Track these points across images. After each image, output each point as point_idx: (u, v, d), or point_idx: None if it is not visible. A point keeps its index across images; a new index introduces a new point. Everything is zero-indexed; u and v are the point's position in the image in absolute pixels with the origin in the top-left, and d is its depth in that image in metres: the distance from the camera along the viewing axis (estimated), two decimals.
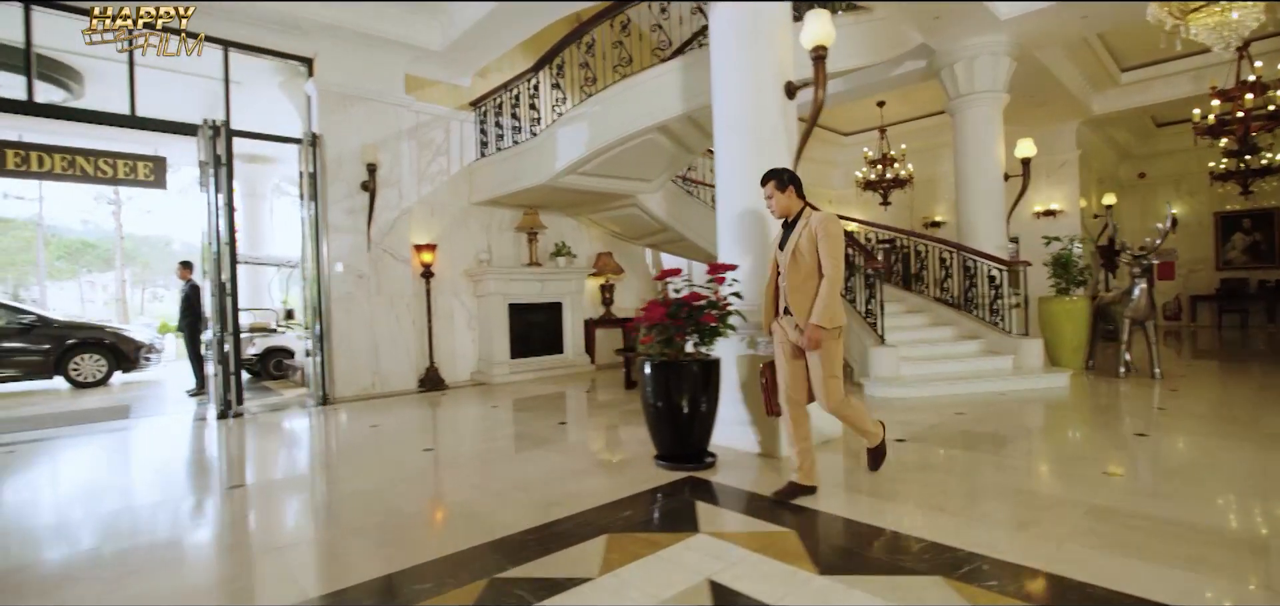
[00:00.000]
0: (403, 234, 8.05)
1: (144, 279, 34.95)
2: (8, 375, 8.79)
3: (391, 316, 7.89)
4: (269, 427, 6.14)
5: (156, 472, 4.69)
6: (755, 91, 4.60)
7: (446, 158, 8.63)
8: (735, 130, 4.71)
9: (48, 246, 31.37)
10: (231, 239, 6.64)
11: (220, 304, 6.40)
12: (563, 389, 8.01)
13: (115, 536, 3.25)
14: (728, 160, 4.80)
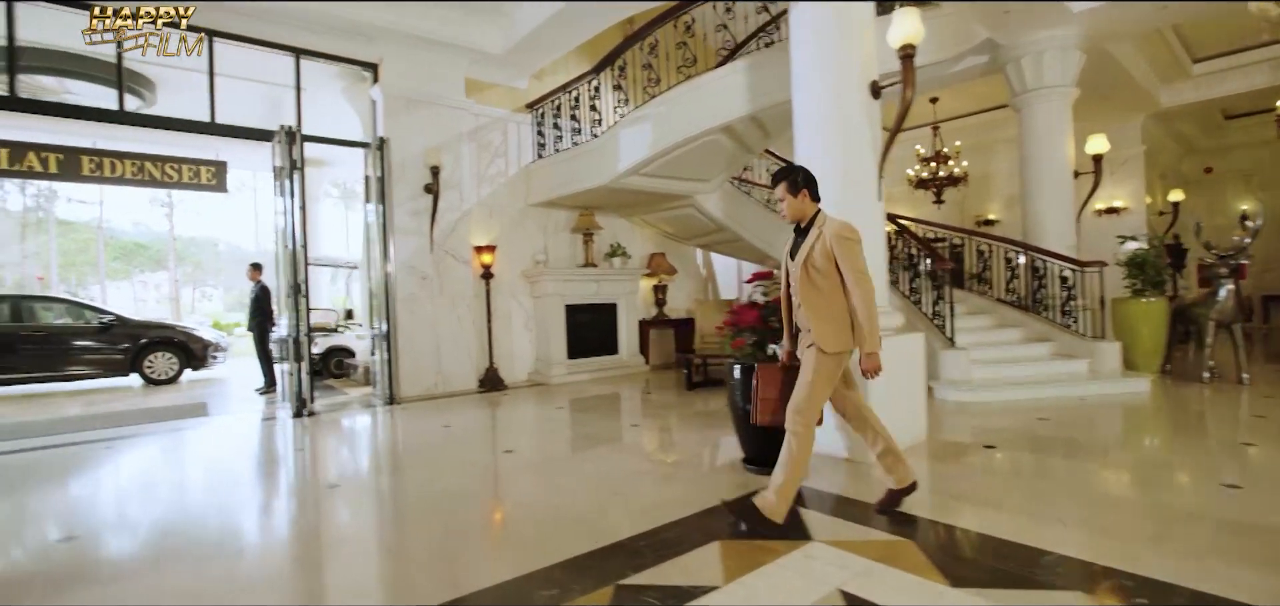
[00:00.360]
0: (463, 235, 8.15)
1: (194, 278, 36.13)
2: (90, 372, 9.14)
3: (453, 317, 7.99)
4: (344, 427, 6.27)
5: (251, 473, 4.82)
6: (839, 92, 4.53)
7: (504, 160, 8.71)
8: (817, 132, 4.64)
9: (105, 248, 32.58)
10: (304, 242, 6.78)
11: (295, 305, 6.55)
12: (621, 390, 8.02)
13: (236, 536, 3.35)
14: (808, 162, 4.72)
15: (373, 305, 7.73)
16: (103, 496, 4.22)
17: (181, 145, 11.99)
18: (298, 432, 5.94)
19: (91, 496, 4.22)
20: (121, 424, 6.53)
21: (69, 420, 6.85)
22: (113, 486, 4.43)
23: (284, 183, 6.64)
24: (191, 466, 5.02)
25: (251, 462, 5.10)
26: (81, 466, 4.91)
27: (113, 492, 4.29)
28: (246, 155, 12.41)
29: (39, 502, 4.00)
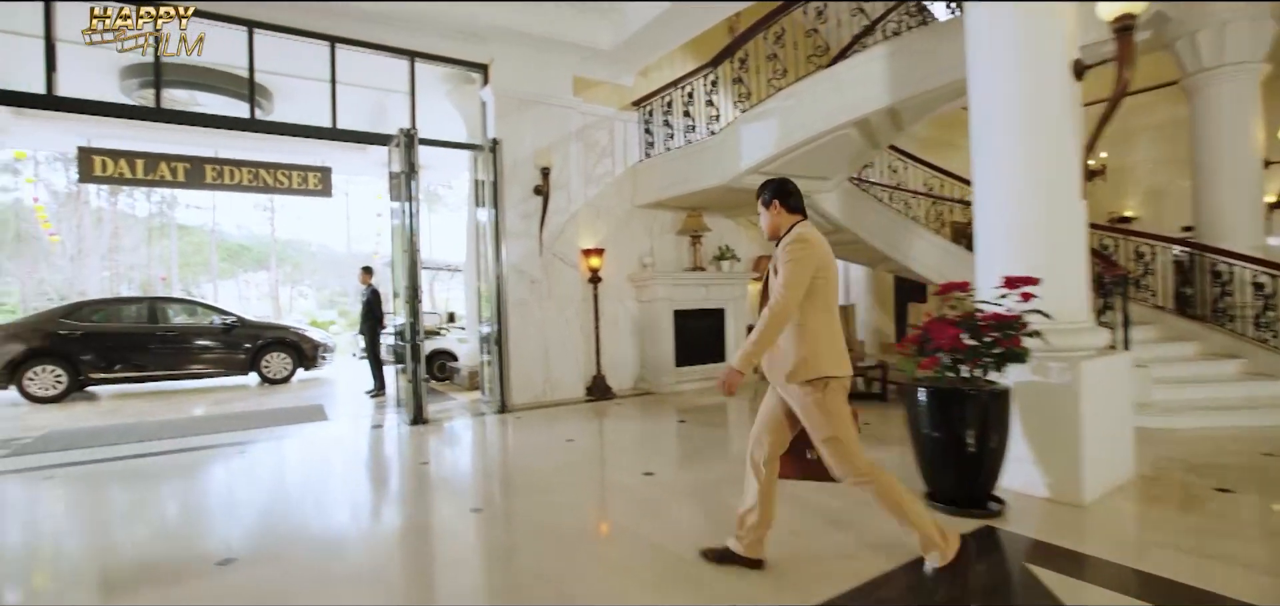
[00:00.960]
0: (571, 238, 7.90)
1: (291, 278, 38.14)
2: (214, 371, 9.48)
3: (561, 322, 7.76)
4: (463, 438, 6.10)
5: (389, 489, 4.67)
6: (1032, 73, 3.92)
7: (611, 159, 8.42)
8: (1002, 121, 4.05)
9: (215, 250, 34.77)
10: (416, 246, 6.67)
11: (413, 310, 6.45)
12: (736, 401, 7.58)
13: (397, 568, 3.12)
14: (991, 157, 4.15)
15: (482, 309, 7.59)
16: (247, 512, 4.12)
17: (290, 152, 12.42)
18: (417, 442, 5.80)
19: (236, 509, 4.13)
20: (248, 426, 6.61)
21: (201, 421, 7.01)
22: (255, 502, 4.34)
23: (401, 186, 6.53)
24: (324, 479, 4.92)
25: (385, 478, 4.96)
26: (220, 474, 4.89)
27: (257, 510, 4.19)
28: (343, 160, 12.71)
29: (187, 519, 3.94)
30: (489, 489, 4.39)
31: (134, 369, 8.95)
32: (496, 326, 7.10)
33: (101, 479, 4.73)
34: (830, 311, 2.63)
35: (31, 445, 5.85)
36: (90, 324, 8.87)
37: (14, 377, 8.25)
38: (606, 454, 5.25)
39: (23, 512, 4.05)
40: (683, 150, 7.80)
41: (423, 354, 6.50)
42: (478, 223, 7.60)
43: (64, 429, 6.63)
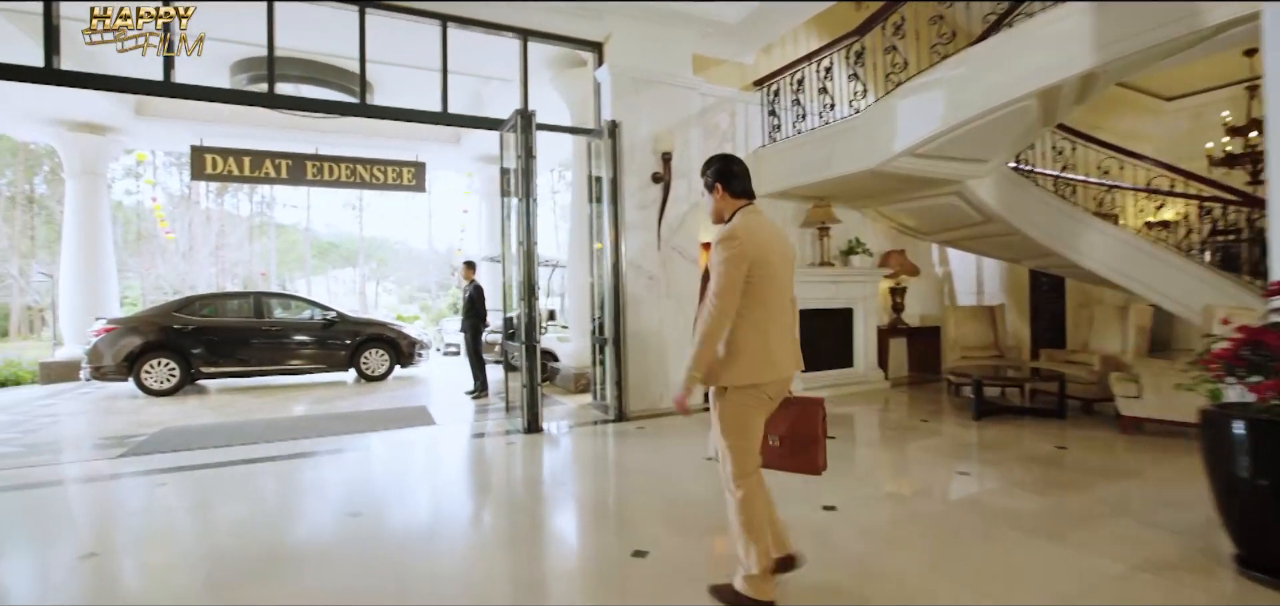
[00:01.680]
0: (690, 230, 7.11)
1: (376, 274, 39.25)
2: (315, 367, 9.24)
3: (680, 321, 6.99)
4: (588, 450, 5.42)
5: (531, 513, 4.00)
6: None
7: (732, 144, 7.58)
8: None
9: (297, 250, 36.11)
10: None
11: (529, 308, 5.81)
12: (876, 412, 6.61)
13: None
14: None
15: (594, 309, 6.91)
16: (370, 544, 3.51)
17: (385, 148, 12.22)
18: (538, 454, 5.15)
19: (361, 542, 3.53)
20: (354, 428, 6.15)
21: (307, 422, 6.62)
22: (379, 535, 3.74)
23: (516, 174, 5.90)
24: (449, 500, 4.31)
25: (516, 500, 4.31)
26: (333, 488, 4.36)
27: (380, 540, 3.58)
28: (431, 155, 12.39)
29: (304, 543, 3.37)
30: (648, 525, 3.64)
31: (239, 363, 8.78)
32: (614, 326, 6.39)
33: (213, 487, 4.28)
34: (766, 309, 2.36)
35: (146, 444, 5.55)
36: (201, 318, 8.76)
37: (132, 370, 8.19)
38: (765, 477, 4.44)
39: (136, 525, 3.60)
40: (819, 132, 6.87)
41: (536, 362, 5.86)
42: (588, 214, 6.91)
43: (176, 425, 6.36)
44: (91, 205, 10.61)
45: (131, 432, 6.07)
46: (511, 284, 6.34)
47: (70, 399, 8.34)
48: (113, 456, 5.19)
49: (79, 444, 5.75)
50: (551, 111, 7.65)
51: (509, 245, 6.36)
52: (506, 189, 6.38)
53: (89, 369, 8.18)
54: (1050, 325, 9.49)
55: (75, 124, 10.15)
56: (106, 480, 4.57)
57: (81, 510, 3.98)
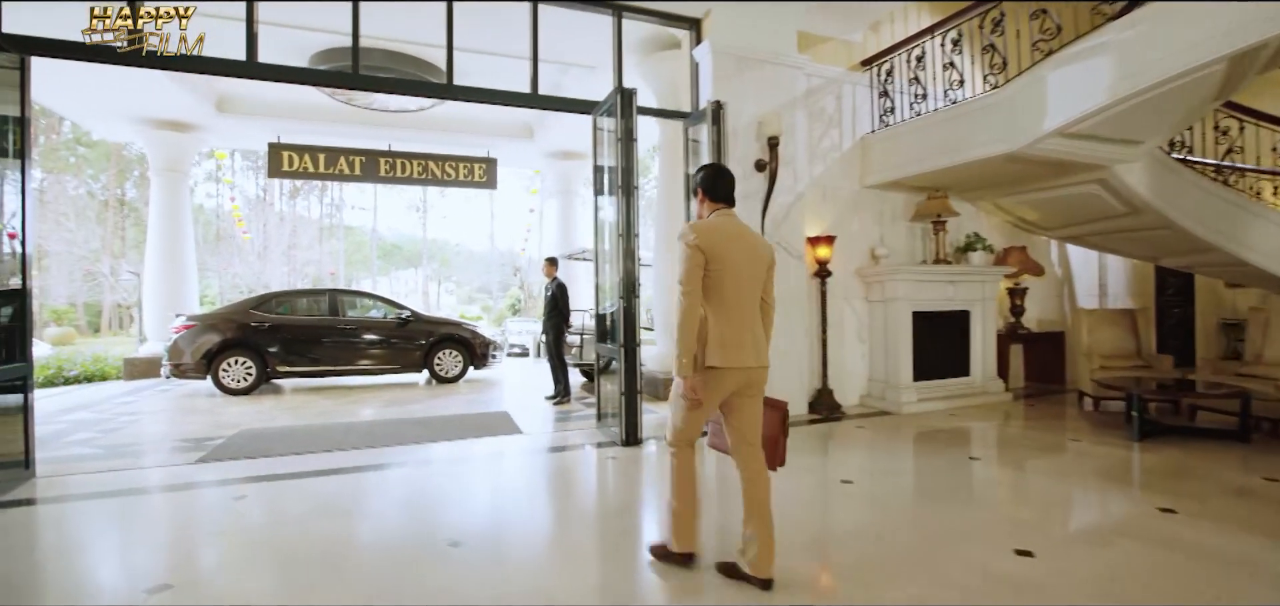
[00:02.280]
0: (796, 223, 6.36)
1: (439, 275, 39.68)
2: (390, 367, 8.86)
3: (785, 325, 6.25)
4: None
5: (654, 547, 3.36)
6: None
7: (838, 130, 6.80)
8: None
9: (363, 251, 36.77)
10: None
11: (628, 309, 5.17)
12: (1003, 427, 5.73)
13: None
14: None
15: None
16: (475, 586, 2.92)
17: (456, 145, 11.86)
18: (642, 472, 4.50)
19: (457, 584, 2.94)
20: (435, 435, 5.64)
21: (386, 427, 6.16)
22: (489, 567, 3.15)
23: (617, 158, 5.27)
24: (560, 528, 3.70)
25: (631, 527, 3.66)
26: (423, 505, 3.81)
27: (487, 583, 2.99)
28: (500, 150, 11.95)
29: (401, 581, 2.80)
30: (803, 564, 2.93)
31: (315, 363, 8.46)
32: None
33: (294, 503, 3.78)
34: (722, 301, 2.57)
35: (223, 448, 5.16)
36: (277, 316, 8.49)
37: (210, 368, 7.96)
38: (921, 510, 3.66)
39: (213, 552, 3.10)
40: (943, 113, 6.02)
41: (639, 362, 5.22)
42: (683, 207, 6.24)
43: (254, 428, 5.99)
44: (174, 202, 10.58)
45: (209, 435, 5.72)
46: (607, 281, 5.72)
47: (151, 396, 8.17)
48: (191, 461, 4.80)
49: (157, 446, 5.41)
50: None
51: (602, 239, 5.75)
52: (601, 181, 5.77)
53: (169, 366, 7.98)
54: (1176, 332, 8.32)
55: (160, 122, 10.10)
56: (184, 489, 4.14)
57: (156, 527, 3.52)
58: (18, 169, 4.26)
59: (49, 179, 28.66)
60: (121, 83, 8.69)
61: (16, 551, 3.13)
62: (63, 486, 4.21)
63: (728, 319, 2.57)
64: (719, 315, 2.57)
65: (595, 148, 5.76)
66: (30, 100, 4.28)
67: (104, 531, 3.41)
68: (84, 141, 30.34)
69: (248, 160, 32.24)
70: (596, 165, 5.77)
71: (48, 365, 10.36)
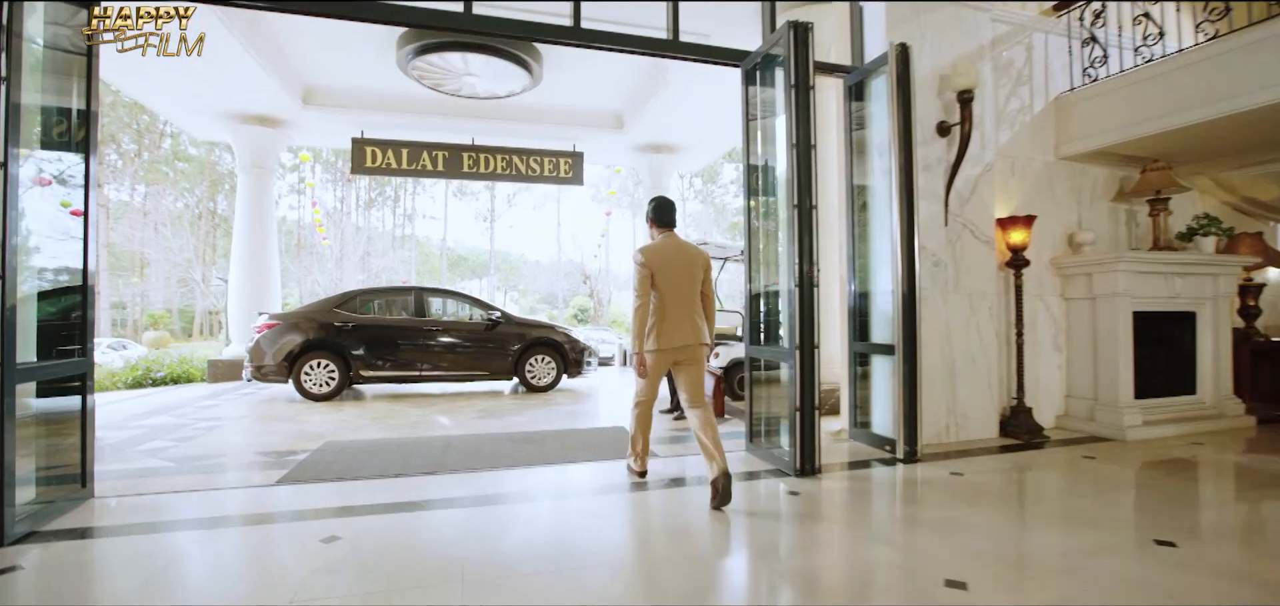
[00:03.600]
0: (985, 201, 5.02)
1: (505, 284, 39.45)
2: (479, 373, 7.91)
3: (970, 324, 4.92)
4: (915, 512, 3.46)
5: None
6: None
7: (1028, 88, 5.42)
8: None
9: (433, 261, 36.83)
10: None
11: (804, 300, 3.93)
12: (1271, 462, 4.20)
13: None
14: None
15: (849, 308, 4.96)
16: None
17: (541, 138, 10.96)
18: (838, 512, 3.28)
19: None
20: (547, 454, 4.57)
21: (489, 445, 5.13)
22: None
23: (788, 112, 4.07)
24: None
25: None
26: (567, 558, 2.69)
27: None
28: (586, 143, 10.94)
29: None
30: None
31: (401, 367, 7.58)
32: (904, 330, 4.39)
33: (401, 549, 2.74)
34: (662, 301, 3.50)
35: (306, 466, 4.21)
36: (361, 316, 7.67)
37: (292, 371, 7.19)
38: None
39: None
40: (1197, 52, 4.58)
41: (817, 367, 3.98)
42: (849, 183, 4.99)
43: (340, 439, 5.07)
44: (260, 199, 10.09)
45: (291, 448, 4.81)
46: (767, 262, 4.53)
47: (232, 400, 7.46)
48: (269, 482, 3.86)
49: (234, 459, 4.53)
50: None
51: (761, 219, 4.57)
52: (754, 149, 4.59)
53: (250, 369, 7.25)
54: None
55: (248, 116, 9.59)
56: (260, 524, 3.17)
57: (224, 583, 2.52)
58: (82, 161, 3.51)
59: (150, 192, 29.69)
60: (212, 75, 8.20)
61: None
62: (119, 512, 3.31)
63: (667, 313, 3.48)
64: (661, 310, 3.48)
65: (747, 108, 4.59)
66: (98, 92, 3.57)
67: (158, 584, 2.43)
68: (182, 157, 31.42)
69: (329, 173, 32.78)
70: (747, 131, 4.59)
71: (137, 366, 9.98)
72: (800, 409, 3.91)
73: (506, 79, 8.31)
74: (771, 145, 4.46)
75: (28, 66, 3.10)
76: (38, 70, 3.26)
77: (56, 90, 3.43)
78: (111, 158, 28.77)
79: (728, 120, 10.23)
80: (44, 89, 3.33)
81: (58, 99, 3.44)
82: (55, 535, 2.98)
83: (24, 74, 3.05)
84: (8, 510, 2.87)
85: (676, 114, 9.72)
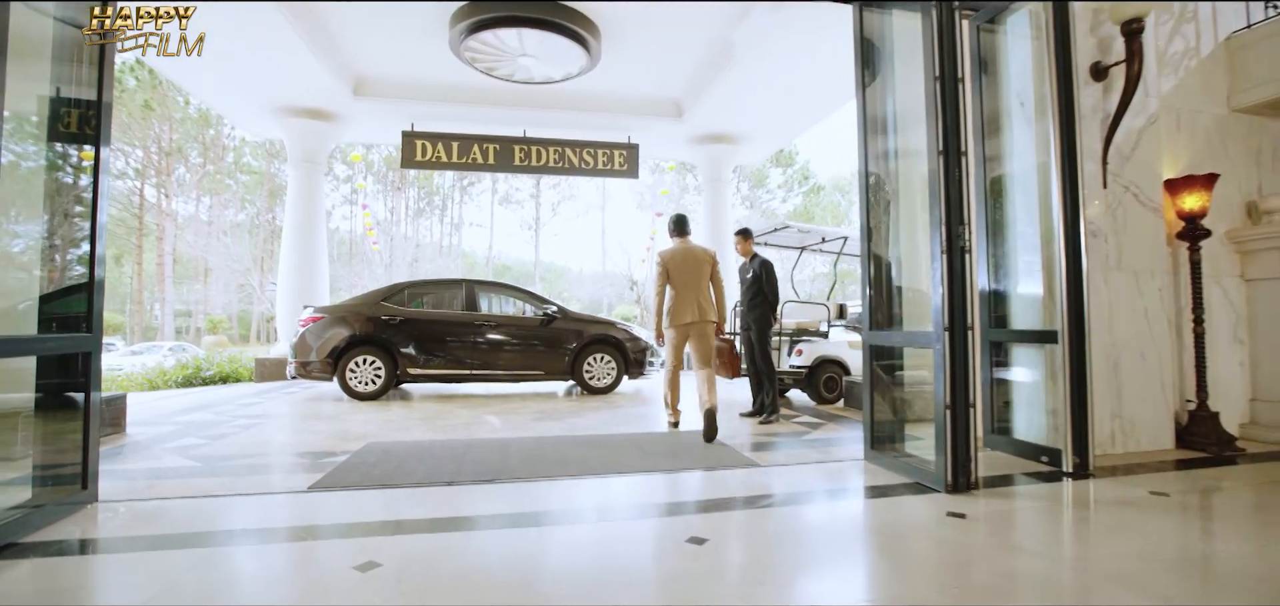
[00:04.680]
0: (1148, 159, 4.05)
1: (549, 293, 39.13)
2: (534, 372, 7.21)
3: (1136, 309, 3.94)
4: (1122, 542, 2.55)
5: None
6: None
7: (1193, 27, 4.43)
8: None
9: (479, 270, 36.73)
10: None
11: (957, 274, 3.06)
12: None
13: None
14: None
15: (985, 291, 4.04)
16: None
17: (594, 129, 10.30)
18: (1041, 545, 2.39)
19: None
20: (623, 464, 3.78)
21: (553, 449, 4.39)
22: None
23: (927, 35, 3.20)
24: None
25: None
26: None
27: None
28: (641, 134, 10.21)
29: None
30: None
31: (450, 365, 6.93)
32: (1068, 314, 3.45)
33: (455, 582, 2.01)
34: (675, 291, 4.56)
35: (344, 471, 3.53)
36: (410, 310, 7.07)
37: (336, 367, 6.63)
38: None
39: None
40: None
41: (972, 351, 3.09)
42: (980, 132, 4.08)
43: (383, 441, 4.41)
44: (310, 195, 9.73)
45: (330, 449, 4.17)
46: (893, 229, 3.68)
47: (275, 398, 6.95)
48: (302, 489, 3.19)
49: (265, 460, 3.90)
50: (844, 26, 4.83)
51: (889, 172, 3.72)
52: (875, 99, 3.75)
53: (294, 364, 6.72)
54: None
55: (299, 110, 9.22)
56: (284, 541, 2.48)
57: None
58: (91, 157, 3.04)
59: (214, 203, 30.43)
60: (268, 67, 7.88)
61: None
62: (124, 521, 2.68)
63: (678, 299, 4.56)
64: (675, 297, 4.57)
65: (860, 47, 3.75)
66: (111, 81, 3.08)
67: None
68: (244, 169, 32.14)
69: (380, 183, 33.08)
70: (861, 76, 3.75)
71: (187, 365, 9.69)
72: (951, 406, 3.03)
73: (562, 59, 7.64)
74: (893, 94, 3.62)
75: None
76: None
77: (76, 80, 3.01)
78: (179, 172, 29.63)
79: (792, 107, 9.38)
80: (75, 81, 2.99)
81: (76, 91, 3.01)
82: (39, 548, 2.35)
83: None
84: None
85: (740, 98, 8.92)
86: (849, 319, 6.88)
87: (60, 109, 3.04)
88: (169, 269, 27.85)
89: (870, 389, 3.68)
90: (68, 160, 3.15)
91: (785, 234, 7.07)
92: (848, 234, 6.96)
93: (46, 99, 2.99)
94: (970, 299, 3.08)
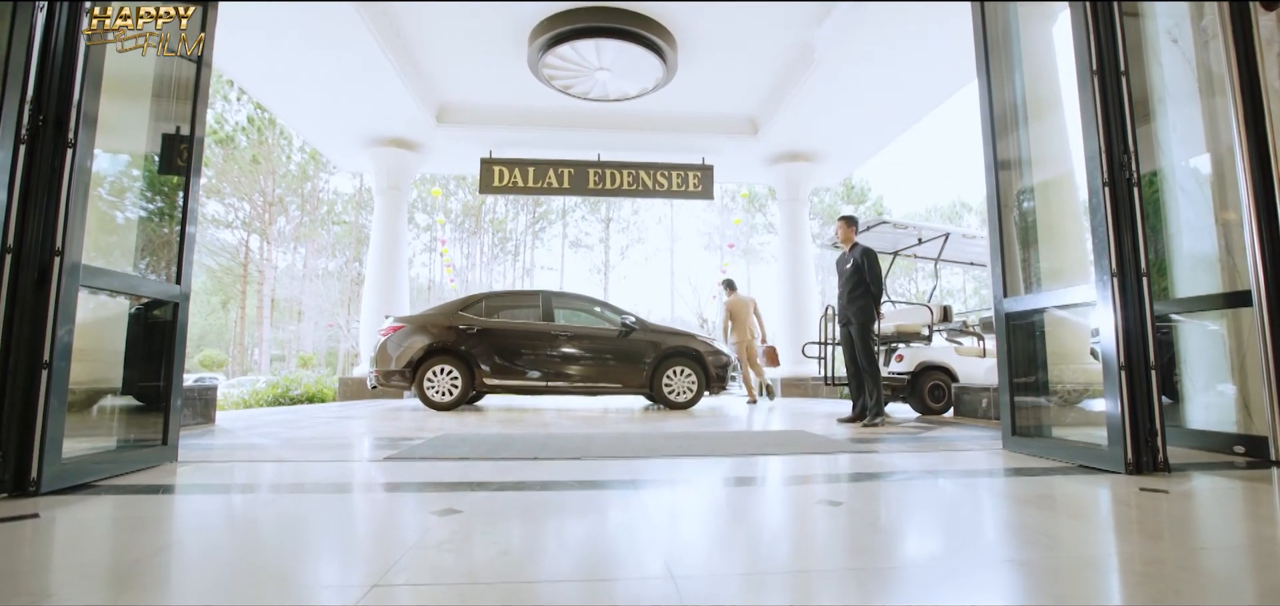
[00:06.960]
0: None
1: None
2: (612, 386, 6.91)
3: None
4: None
5: None
6: None
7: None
8: None
9: None
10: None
11: (1122, 207, 2.56)
12: None
13: None
14: None
15: (1171, 252, 3.44)
16: None
17: (669, 150, 10.18)
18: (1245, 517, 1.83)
19: None
20: (753, 469, 3.38)
21: (667, 444, 4.03)
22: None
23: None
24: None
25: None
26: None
27: None
28: (716, 154, 9.95)
29: None
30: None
31: (527, 378, 6.74)
32: (1264, 272, 2.84)
33: (529, 533, 1.68)
34: (735, 325, 8.12)
35: (423, 448, 3.32)
36: (487, 320, 6.97)
37: (415, 377, 6.56)
38: None
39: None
40: None
41: (1148, 316, 2.56)
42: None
43: (459, 433, 4.19)
44: (394, 220, 10.03)
45: (406, 436, 3.99)
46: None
47: (356, 408, 6.97)
48: (380, 459, 2.98)
49: (346, 443, 3.74)
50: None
51: (1019, 170, 3.27)
52: (1006, 60, 3.34)
53: (375, 373, 6.71)
54: None
55: (385, 139, 9.60)
56: (362, 493, 2.24)
57: (288, 555, 1.56)
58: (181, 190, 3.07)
59: (308, 252, 32.48)
60: (359, 98, 8.27)
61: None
62: (202, 474, 2.53)
63: (734, 327, 8.03)
64: (735, 329, 8.02)
65: (984, 19, 3.36)
66: (204, 118, 3.15)
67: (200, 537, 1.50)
68: (336, 221, 34.27)
69: (458, 230, 34.45)
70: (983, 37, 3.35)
71: (277, 384, 10.02)
72: (1126, 367, 2.48)
73: (639, 72, 7.58)
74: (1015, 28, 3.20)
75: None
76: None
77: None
78: (279, 223, 31.95)
79: (872, 119, 8.96)
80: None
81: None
82: (110, 489, 2.20)
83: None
84: (50, 451, 2.12)
85: (818, 109, 8.58)
86: (954, 322, 6.22)
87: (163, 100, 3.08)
88: (267, 311, 29.74)
89: (1008, 365, 3.14)
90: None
91: (878, 233, 6.55)
92: (950, 231, 6.35)
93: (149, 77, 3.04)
94: (1140, 239, 2.55)
